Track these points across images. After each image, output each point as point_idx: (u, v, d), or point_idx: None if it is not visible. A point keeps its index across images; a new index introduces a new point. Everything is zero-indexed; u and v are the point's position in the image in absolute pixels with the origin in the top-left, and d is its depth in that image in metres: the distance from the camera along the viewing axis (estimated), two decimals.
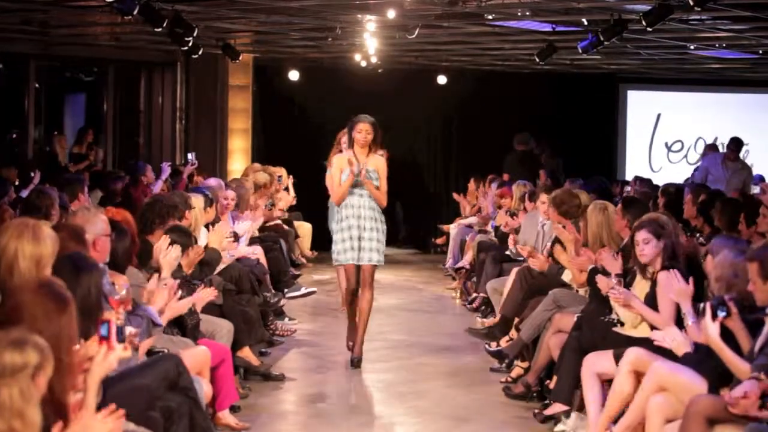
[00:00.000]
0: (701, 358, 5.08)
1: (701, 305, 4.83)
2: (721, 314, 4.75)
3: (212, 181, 10.06)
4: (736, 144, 12.96)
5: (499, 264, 10.10)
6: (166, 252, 6.05)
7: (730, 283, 5.14)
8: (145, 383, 4.77)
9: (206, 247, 7.61)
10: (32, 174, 9.98)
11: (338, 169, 8.35)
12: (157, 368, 5.01)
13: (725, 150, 13.36)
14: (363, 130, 8.26)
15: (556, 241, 8.25)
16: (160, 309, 5.65)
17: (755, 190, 10.02)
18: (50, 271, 4.05)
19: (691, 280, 5.60)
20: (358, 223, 8.26)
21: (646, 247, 6.11)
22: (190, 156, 11.42)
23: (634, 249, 6.25)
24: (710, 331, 4.74)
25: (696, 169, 13.63)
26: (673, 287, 5.61)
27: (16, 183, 9.97)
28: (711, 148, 14.66)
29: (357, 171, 8.19)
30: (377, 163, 8.34)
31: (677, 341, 5.23)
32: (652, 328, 5.96)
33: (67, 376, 3.31)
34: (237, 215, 10.09)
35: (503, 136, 15.29)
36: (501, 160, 14.47)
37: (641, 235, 6.14)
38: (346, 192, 8.27)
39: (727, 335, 4.82)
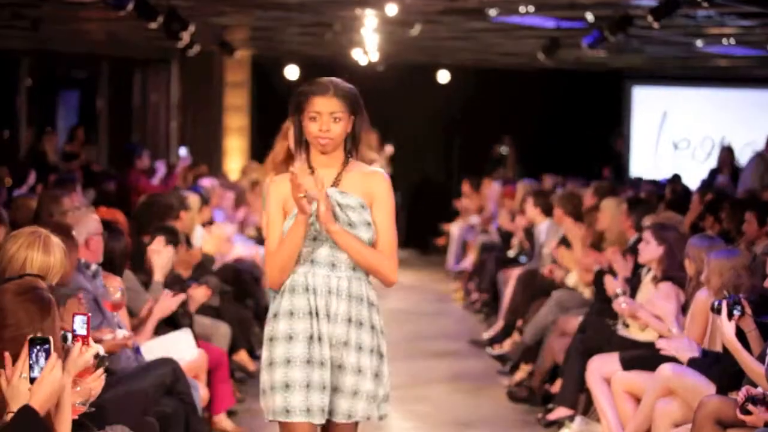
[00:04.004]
0: (709, 363, 5.04)
1: (716, 303, 4.75)
2: (737, 313, 4.68)
3: (206, 182, 10.02)
4: None
5: (501, 265, 10.04)
6: (158, 253, 5.94)
7: (736, 284, 5.09)
8: (142, 388, 4.79)
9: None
10: (27, 174, 9.87)
11: (279, 208, 3.82)
12: (154, 373, 5.01)
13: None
14: (323, 111, 3.77)
15: (561, 242, 8.17)
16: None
17: None
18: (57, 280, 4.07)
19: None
20: (319, 330, 3.75)
21: (645, 249, 6.10)
22: (181, 152, 11.20)
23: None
24: (726, 330, 4.67)
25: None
26: (657, 304, 5.68)
27: (10, 183, 9.84)
28: None
29: (315, 207, 3.68)
30: (369, 186, 3.82)
31: (683, 351, 5.17)
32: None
33: None
34: (230, 213, 10.02)
35: (506, 135, 15.28)
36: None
37: (645, 236, 6.15)
38: (294, 257, 3.76)
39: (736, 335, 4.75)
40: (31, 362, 3.05)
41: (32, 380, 3.05)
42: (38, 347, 3.06)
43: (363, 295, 3.81)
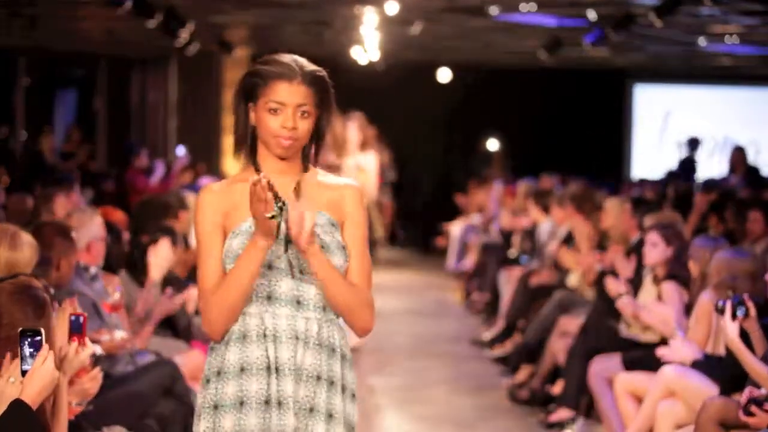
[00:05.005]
0: (712, 364, 5.01)
1: (720, 303, 4.71)
2: (740, 314, 4.63)
3: (206, 182, 9.97)
4: None
5: (501, 265, 10.00)
6: (156, 253, 5.89)
7: (731, 286, 5.05)
8: (140, 390, 4.79)
9: None
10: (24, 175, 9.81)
11: (217, 228, 2.84)
12: (153, 374, 5.01)
13: None
14: (288, 103, 2.86)
15: (564, 242, 8.13)
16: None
17: None
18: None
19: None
20: (279, 393, 2.81)
21: (653, 251, 6.05)
22: (179, 150, 11.13)
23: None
24: (729, 331, 4.62)
25: None
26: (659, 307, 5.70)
27: (8, 183, 9.78)
28: None
29: (279, 223, 2.76)
30: (337, 200, 2.91)
31: (685, 356, 5.14)
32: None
33: None
34: None
35: (507, 134, 15.27)
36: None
37: (650, 238, 6.10)
38: (246, 296, 2.79)
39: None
40: (22, 355, 3.00)
41: (24, 373, 2.99)
42: (29, 339, 3.01)
43: (336, 344, 2.84)
